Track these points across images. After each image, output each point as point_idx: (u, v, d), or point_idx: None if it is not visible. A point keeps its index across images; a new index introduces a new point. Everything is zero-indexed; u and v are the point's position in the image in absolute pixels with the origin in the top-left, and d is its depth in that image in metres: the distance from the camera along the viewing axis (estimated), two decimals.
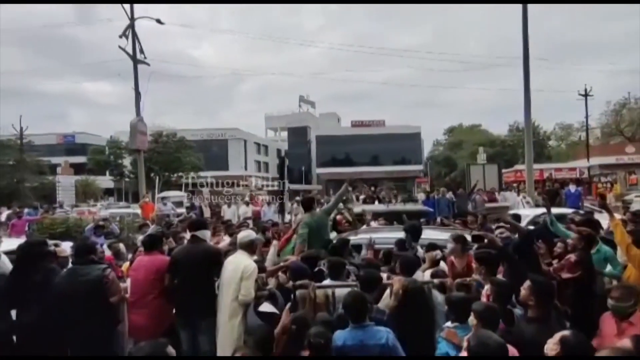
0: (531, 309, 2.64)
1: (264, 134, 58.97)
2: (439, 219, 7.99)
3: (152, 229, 7.24)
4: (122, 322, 3.77)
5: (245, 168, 43.26)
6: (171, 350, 2.03)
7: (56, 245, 5.52)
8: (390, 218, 7.27)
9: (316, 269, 3.90)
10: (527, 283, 2.73)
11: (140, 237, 6.06)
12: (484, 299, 3.02)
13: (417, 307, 2.63)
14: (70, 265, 3.67)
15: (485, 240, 4.00)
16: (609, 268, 4.18)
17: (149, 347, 2.01)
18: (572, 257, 3.81)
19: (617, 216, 4.57)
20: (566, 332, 2.08)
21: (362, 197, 13.55)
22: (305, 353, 2.56)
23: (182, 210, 15.55)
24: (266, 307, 3.42)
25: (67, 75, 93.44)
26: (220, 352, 3.50)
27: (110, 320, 3.51)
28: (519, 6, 14.05)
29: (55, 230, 9.34)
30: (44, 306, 3.28)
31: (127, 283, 3.91)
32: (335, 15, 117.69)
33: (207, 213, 12.99)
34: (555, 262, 4.27)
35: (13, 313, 3.42)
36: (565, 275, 3.75)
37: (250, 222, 9.58)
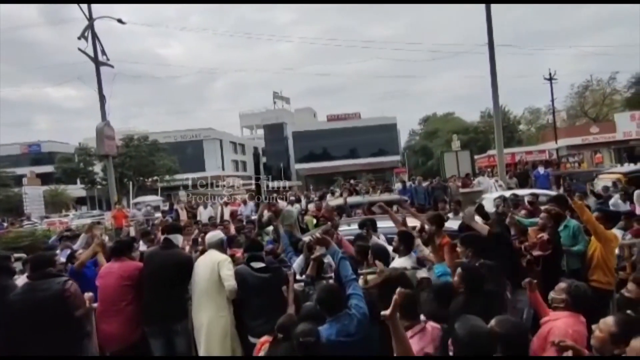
0: (461, 296, 2.70)
1: (240, 132, 58.22)
2: (395, 207, 7.92)
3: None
4: (90, 333, 3.58)
5: (223, 168, 42.61)
6: None
7: (20, 258, 5.28)
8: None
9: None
10: (459, 270, 2.80)
11: (76, 246, 5.44)
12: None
13: None
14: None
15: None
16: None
17: None
18: (544, 235, 3.93)
19: None
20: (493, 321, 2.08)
21: (337, 191, 13.46)
22: None
23: (159, 215, 15.11)
24: (258, 264, 3.66)
25: (28, 81, 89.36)
26: (207, 348, 3.51)
27: (76, 334, 3.31)
28: None
29: (20, 243, 8.96)
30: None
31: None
32: (306, 10, 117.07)
33: (183, 216, 12.68)
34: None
35: None
36: (537, 252, 3.86)
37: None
